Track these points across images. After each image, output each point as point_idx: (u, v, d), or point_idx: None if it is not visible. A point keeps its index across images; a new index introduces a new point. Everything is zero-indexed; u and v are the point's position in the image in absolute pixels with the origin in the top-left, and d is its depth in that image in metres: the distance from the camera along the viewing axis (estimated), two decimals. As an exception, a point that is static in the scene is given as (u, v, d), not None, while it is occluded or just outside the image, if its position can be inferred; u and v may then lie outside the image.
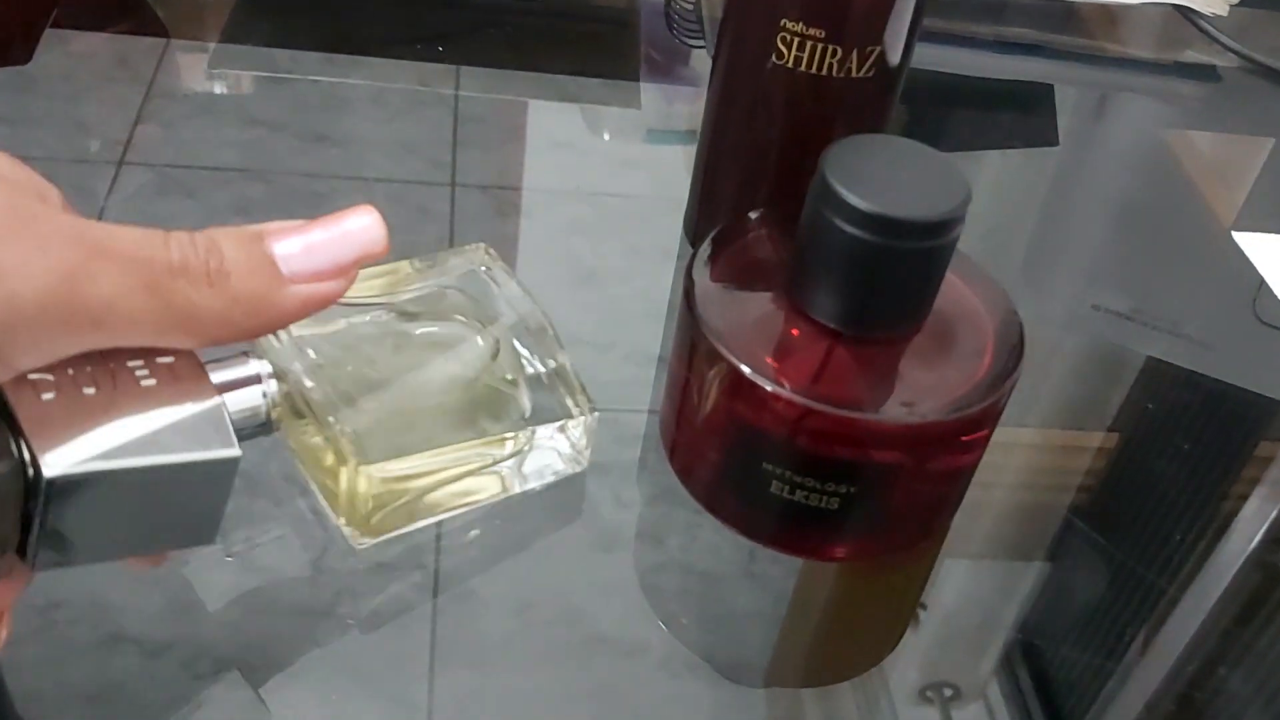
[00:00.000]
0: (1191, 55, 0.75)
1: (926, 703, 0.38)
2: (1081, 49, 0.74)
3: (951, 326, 0.39)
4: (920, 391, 0.38)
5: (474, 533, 0.40)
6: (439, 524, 0.40)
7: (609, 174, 0.58)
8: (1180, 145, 0.69)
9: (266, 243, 0.28)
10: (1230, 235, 0.61)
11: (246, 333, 0.28)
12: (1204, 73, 0.74)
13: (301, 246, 0.28)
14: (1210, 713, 0.39)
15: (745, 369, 0.36)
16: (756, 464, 0.38)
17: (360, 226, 0.29)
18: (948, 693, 0.38)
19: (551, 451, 0.40)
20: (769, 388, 0.36)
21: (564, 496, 0.42)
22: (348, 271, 0.29)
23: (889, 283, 0.36)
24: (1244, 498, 0.47)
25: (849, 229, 0.35)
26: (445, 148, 0.57)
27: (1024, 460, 0.48)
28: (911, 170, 0.36)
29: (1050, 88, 0.71)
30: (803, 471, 0.37)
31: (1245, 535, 0.45)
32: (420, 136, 0.57)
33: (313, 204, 0.52)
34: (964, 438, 0.38)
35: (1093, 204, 0.64)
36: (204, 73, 0.60)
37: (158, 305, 0.25)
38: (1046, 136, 0.68)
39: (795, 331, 0.38)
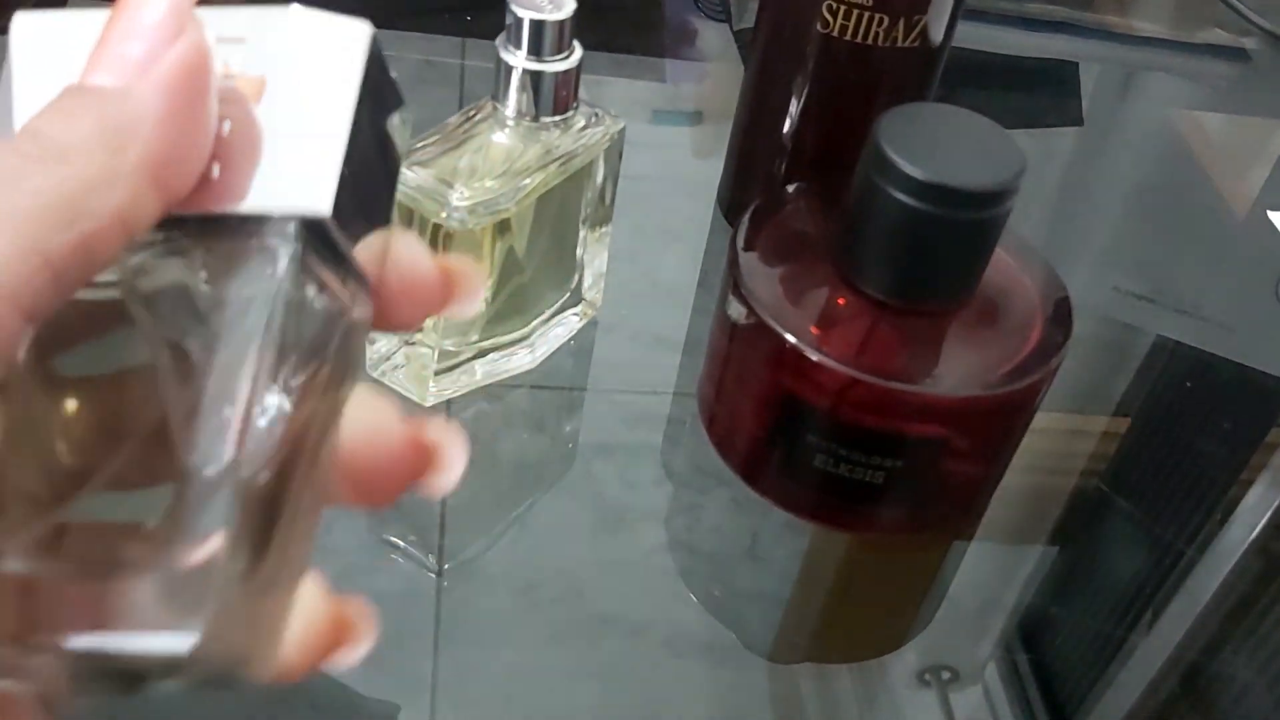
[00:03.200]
0: (1220, 35, 0.74)
1: (925, 686, 0.38)
2: (1109, 27, 0.73)
3: (999, 300, 0.39)
4: (966, 365, 0.37)
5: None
6: (443, 509, 0.40)
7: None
8: (1205, 126, 0.69)
9: (83, 85, 0.19)
10: (1252, 216, 0.61)
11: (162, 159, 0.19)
12: (1233, 52, 0.73)
13: (104, 53, 0.19)
14: (1211, 698, 0.39)
15: (790, 339, 0.36)
16: (800, 436, 0.37)
17: None
18: (946, 676, 0.38)
19: None
20: (814, 358, 0.36)
21: (570, 476, 0.42)
22: (176, 17, 0.20)
23: (940, 253, 0.36)
24: (1251, 483, 0.47)
25: (902, 197, 0.34)
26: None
27: (1030, 442, 0.47)
28: (965, 139, 0.36)
29: (1075, 66, 0.70)
30: (848, 444, 0.37)
31: (1250, 521, 0.45)
32: (426, 114, 0.56)
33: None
34: (1009, 413, 0.38)
35: (1116, 184, 0.64)
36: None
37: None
38: (1071, 116, 0.68)
39: (841, 301, 0.38)
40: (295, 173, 0.20)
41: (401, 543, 0.38)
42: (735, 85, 0.49)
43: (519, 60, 0.37)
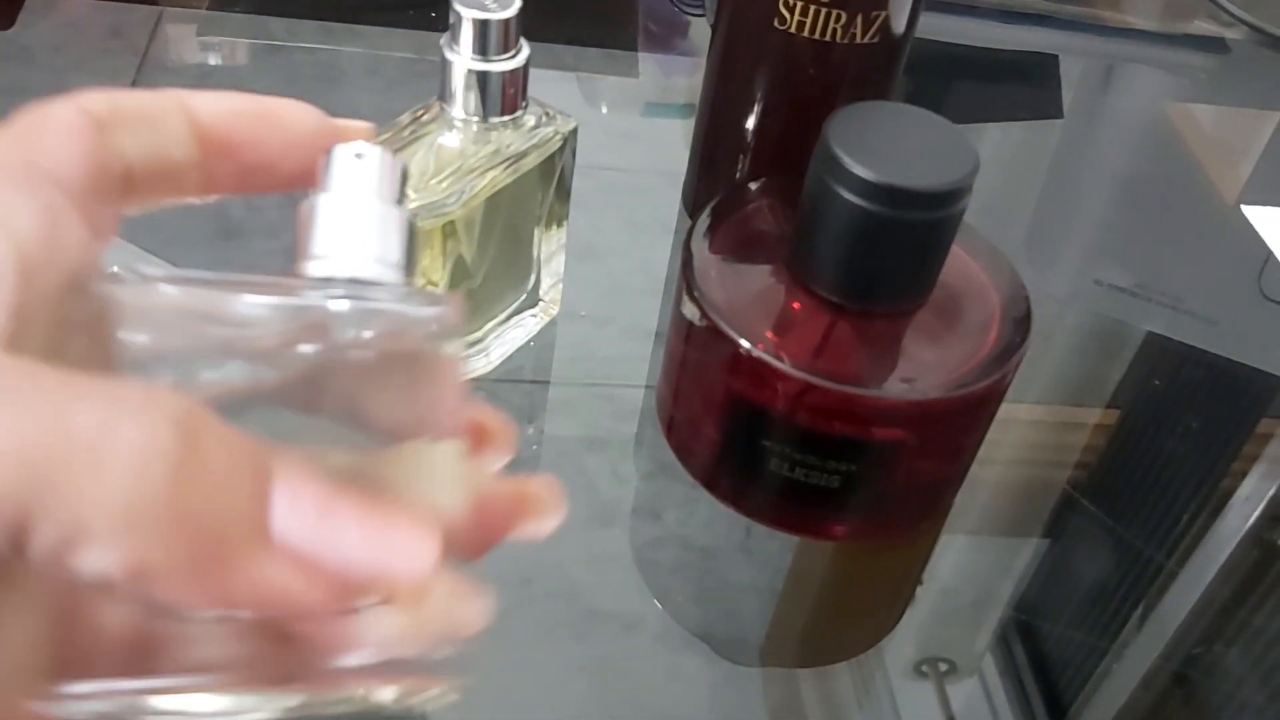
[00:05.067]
0: (1200, 26, 0.73)
1: (922, 677, 0.38)
2: (1088, 19, 0.73)
3: (957, 301, 0.38)
4: (924, 367, 0.37)
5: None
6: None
7: (607, 147, 0.57)
8: (1186, 118, 0.68)
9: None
10: (1236, 209, 0.60)
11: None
12: (1212, 44, 0.73)
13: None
14: (1205, 689, 0.39)
15: (744, 344, 0.36)
16: (756, 441, 0.37)
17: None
18: (943, 667, 0.38)
19: None
20: (769, 363, 0.35)
21: (562, 471, 0.41)
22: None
23: (894, 255, 0.35)
24: (1243, 475, 0.47)
25: (853, 198, 0.34)
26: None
27: (1022, 436, 0.47)
28: (918, 138, 0.35)
29: (1055, 59, 0.70)
30: (803, 449, 0.36)
31: (1243, 513, 0.45)
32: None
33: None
34: (967, 415, 0.37)
35: (1097, 177, 0.63)
36: (197, 42, 0.59)
37: None
38: (1051, 108, 0.67)
39: (796, 305, 0.37)
40: None
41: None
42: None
43: (464, 60, 0.37)
